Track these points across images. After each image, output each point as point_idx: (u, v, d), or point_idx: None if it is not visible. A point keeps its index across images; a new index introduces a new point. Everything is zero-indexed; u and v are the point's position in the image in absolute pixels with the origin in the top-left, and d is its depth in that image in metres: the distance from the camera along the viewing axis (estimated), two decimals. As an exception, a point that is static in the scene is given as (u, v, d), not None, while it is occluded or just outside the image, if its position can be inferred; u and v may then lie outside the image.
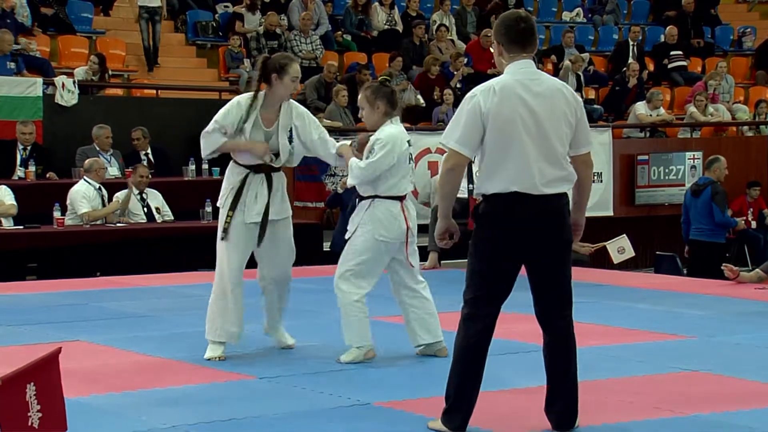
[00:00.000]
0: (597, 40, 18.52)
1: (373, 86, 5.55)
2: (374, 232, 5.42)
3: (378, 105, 5.43)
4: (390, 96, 5.45)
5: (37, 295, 8.12)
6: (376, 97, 5.42)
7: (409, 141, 5.56)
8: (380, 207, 5.43)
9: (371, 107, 5.46)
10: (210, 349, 5.60)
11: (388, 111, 5.44)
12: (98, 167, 10.17)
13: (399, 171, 5.42)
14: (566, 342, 4.10)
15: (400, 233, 5.47)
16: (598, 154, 13.66)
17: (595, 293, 8.22)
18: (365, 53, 15.75)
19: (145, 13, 14.10)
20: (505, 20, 4.12)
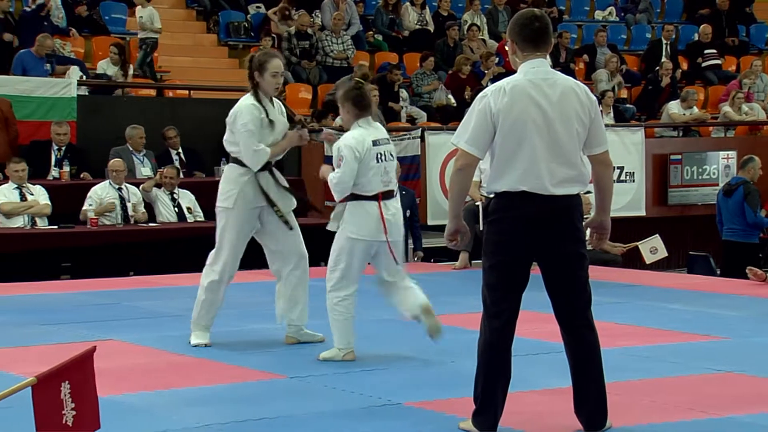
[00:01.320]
0: (630, 39, 18.39)
1: (345, 87, 5.76)
2: (348, 231, 5.53)
3: (346, 107, 5.58)
4: (356, 98, 5.53)
5: (70, 294, 8.20)
6: (345, 99, 5.59)
7: (380, 140, 5.58)
8: (356, 206, 5.53)
9: (343, 110, 5.64)
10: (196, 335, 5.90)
11: (356, 113, 5.54)
12: (114, 168, 10.21)
13: (366, 171, 5.49)
14: (586, 343, 4.08)
15: (376, 232, 5.50)
16: (630, 154, 13.58)
17: (628, 294, 8.17)
18: (396, 53, 15.75)
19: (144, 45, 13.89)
20: (520, 19, 4.11)
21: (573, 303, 4.08)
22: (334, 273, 5.57)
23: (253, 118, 5.75)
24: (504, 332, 4.05)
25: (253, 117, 5.75)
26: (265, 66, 5.76)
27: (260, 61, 5.78)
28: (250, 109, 5.77)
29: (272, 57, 5.85)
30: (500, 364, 4.05)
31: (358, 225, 5.49)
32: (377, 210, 5.50)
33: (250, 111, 5.76)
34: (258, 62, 5.78)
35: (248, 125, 5.73)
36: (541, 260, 4.06)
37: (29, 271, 9.05)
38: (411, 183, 12.18)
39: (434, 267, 10.44)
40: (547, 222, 4.00)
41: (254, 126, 5.75)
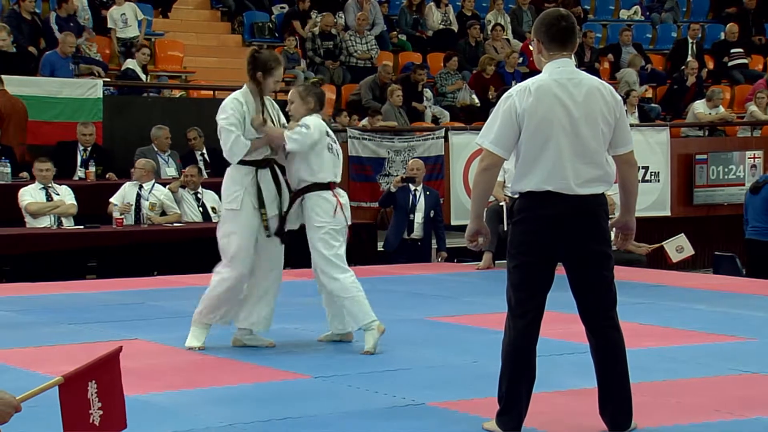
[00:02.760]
0: (655, 39, 18.30)
1: (306, 84, 6.05)
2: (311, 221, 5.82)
3: (309, 101, 5.87)
4: (320, 96, 5.99)
5: (95, 294, 8.24)
6: (308, 93, 5.93)
7: (329, 133, 5.95)
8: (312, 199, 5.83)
9: (302, 101, 5.87)
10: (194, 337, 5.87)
11: (315, 108, 5.90)
12: (137, 168, 10.25)
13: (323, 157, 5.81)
14: (611, 343, 4.06)
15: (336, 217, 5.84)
16: (655, 154, 13.52)
17: (653, 294, 8.13)
18: (420, 53, 15.74)
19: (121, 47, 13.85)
20: (546, 18, 4.10)
21: (598, 303, 4.06)
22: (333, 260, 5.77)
23: (234, 111, 5.70)
24: (529, 332, 4.04)
25: (235, 110, 5.71)
26: (273, 72, 5.77)
27: (268, 65, 5.76)
28: (233, 103, 5.75)
29: (279, 65, 5.86)
30: (525, 364, 4.04)
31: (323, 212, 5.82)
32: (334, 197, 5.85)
33: (232, 104, 5.74)
34: (264, 64, 5.76)
35: (229, 118, 5.69)
36: (566, 260, 4.05)
37: (55, 271, 9.11)
38: (434, 183, 12.17)
39: (458, 267, 10.43)
40: (572, 222, 3.99)
41: (235, 119, 5.69)
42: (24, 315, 7.12)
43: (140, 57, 13.08)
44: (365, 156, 12.61)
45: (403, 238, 10.49)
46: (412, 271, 9.64)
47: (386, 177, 12.48)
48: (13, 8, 13.07)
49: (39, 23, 13.07)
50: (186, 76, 14.33)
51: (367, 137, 12.67)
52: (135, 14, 13.83)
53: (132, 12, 13.83)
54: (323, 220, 5.79)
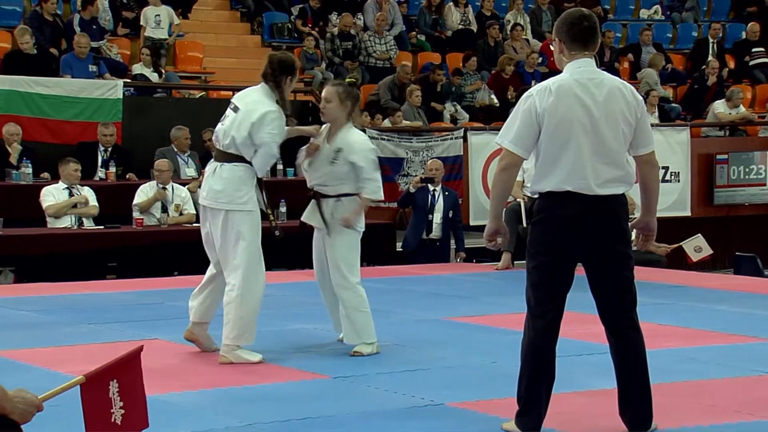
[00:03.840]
0: (675, 38, 18.21)
1: (345, 85, 5.85)
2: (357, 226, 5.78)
3: (347, 104, 5.72)
4: (357, 99, 5.86)
5: (116, 294, 8.28)
6: (348, 96, 5.73)
7: None
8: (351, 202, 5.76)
9: (341, 103, 5.71)
10: (251, 354, 5.57)
11: (351, 112, 5.75)
12: (157, 168, 10.29)
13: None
14: (631, 344, 4.05)
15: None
16: (675, 153, 13.46)
17: (673, 294, 8.09)
18: (439, 53, 15.73)
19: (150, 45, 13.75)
20: (568, 18, 4.09)
21: (618, 304, 4.05)
22: (356, 267, 5.74)
23: (282, 129, 5.58)
24: (548, 333, 4.03)
25: (282, 128, 5.58)
26: (295, 76, 5.67)
27: (294, 68, 5.64)
28: (280, 120, 5.56)
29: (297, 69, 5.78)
30: (544, 364, 4.03)
31: (361, 220, 5.81)
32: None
33: (280, 121, 5.56)
34: (292, 67, 5.61)
35: (276, 137, 5.52)
36: (586, 261, 4.04)
37: (76, 271, 9.16)
38: (453, 183, 12.17)
39: (476, 267, 10.42)
40: (592, 222, 3.97)
41: (280, 137, 5.61)
42: (45, 315, 7.16)
43: (144, 59, 13.12)
44: (384, 156, 12.59)
45: (422, 238, 10.48)
46: (431, 272, 9.64)
47: (405, 177, 12.47)
48: (35, 9, 13.16)
49: (61, 25, 13.15)
50: (205, 76, 14.37)
51: (386, 137, 12.68)
52: (169, 18, 13.89)
53: (167, 15, 13.89)
54: (358, 225, 5.77)
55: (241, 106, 5.59)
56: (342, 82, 5.98)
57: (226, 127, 5.57)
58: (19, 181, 10.24)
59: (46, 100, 11.22)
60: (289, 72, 5.61)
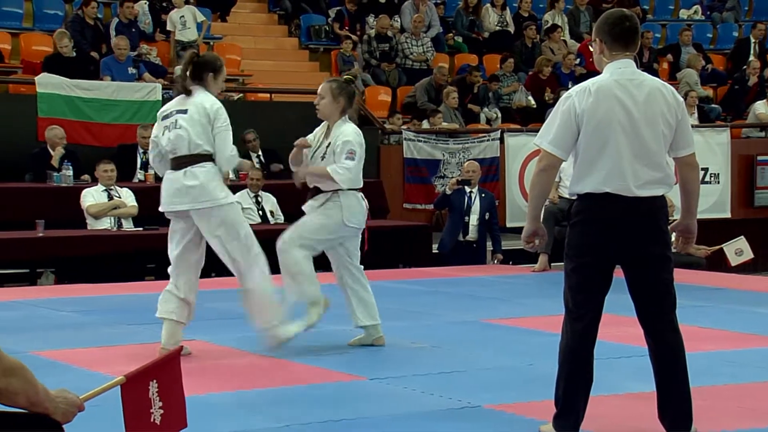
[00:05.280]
0: (716, 38, 18.04)
1: (339, 81, 5.93)
2: (344, 218, 5.79)
3: (340, 100, 5.81)
4: (352, 95, 5.90)
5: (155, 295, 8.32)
6: (341, 92, 5.82)
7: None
8: (350, 197, 5.78)
9: (333, 99, 5.81)
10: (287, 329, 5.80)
11: (345, 108, 5.85)
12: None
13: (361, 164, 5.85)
14: (670, 346, 4.01)
15: (363, 220, 5.88)
16: (715, 155, 13.33)
17: (713, 297, 8.02)
18: (476, 55, 15.70)
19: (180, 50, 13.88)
20: (610, 18, 4.07)
21: (657, 306, 4.02)
22: (311, 242, 5.83)
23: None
24: (586, 335, 4.01)
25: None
26: (222, 70, 5.86)
27: (218, 65, 5.86)
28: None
29: (222, 62, 6.00)
30: (582, 367, 4.01)
31: (355, 215, 5.82)
32: (364, 200, 5.91)
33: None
34: (216, 65, 5.84)
35: (228, 123, 5.68)
36: (625, 263, 4.01)
37: (115, 272, 9.24)
38: (490, 185, 12.14)
39: (513, 269, 10.39)
40: (631, 224, 3.95)
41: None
42: (85, 316, 7.24)
43: None
44: (420, 158, 12.62)
45: (458, 240, 10.47)
46: (467, 273, 9.62)
47: (441, 179, 12.47)
48: (76, 13, 13.32)
49: (101, 28, 13.29)
50: (243, 79, 14.46)
51: (423, 139, 12.68)
52: (194, 17, 13.98)
53: (191, 15, 13.98)
54: (356, 220, 5.84)
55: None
56: (337, 79, 6.10)
57: None
58: (60, 184, 10.35)
59: (87, 103, 11.35)
60: (210, 68, 5.77)
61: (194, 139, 5.57)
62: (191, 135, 5.57)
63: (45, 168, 10.58)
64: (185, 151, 5.59)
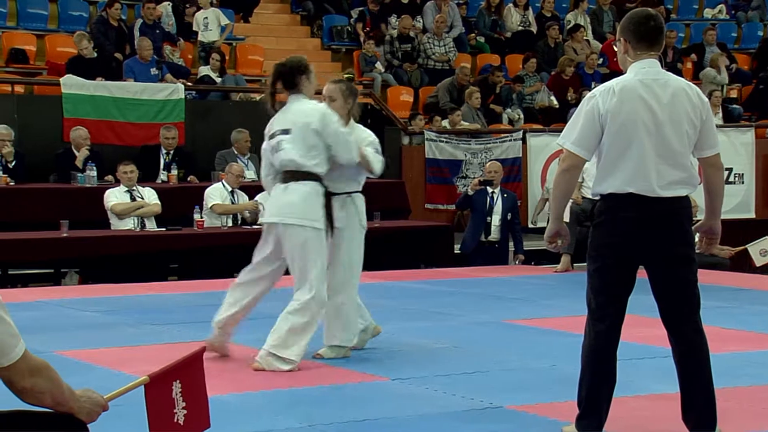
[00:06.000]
0: (740, 38, 17.93)
1: (346, 82, 5.94)
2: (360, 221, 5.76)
3: (350, 102, 5.80)
4: (356, 95, 5.94)
5: (177, 295, 8.38)
6: (350, 94, 5.83)
7: None
8: (361, 199, 5.80)
9: (344, 101, 5.79)
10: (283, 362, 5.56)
11: (352, 108, 5.84)
12: (233, 171, 10.44)
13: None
14: (694, 347, 3.99)
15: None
16: (739, 155, 13.25)
17: (737, 297, 7.97)
18: (498, 55, 15.67)
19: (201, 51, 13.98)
20: (635, 17, 4.06)
21: (681, 307, 4.00)
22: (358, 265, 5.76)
23: None
24: (609, 336, 4.00)
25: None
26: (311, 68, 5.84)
27: (305, 65, 5.84)
28: None
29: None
30: (605, 368, 4.00)
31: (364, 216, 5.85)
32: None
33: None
34: (304, 66, 5.82)
35: (339, 124, 5.64)
36: (649, 264, 4.00)
37: (139, 273, 9.29)
38: (512, 185, 12.11)
39: (535, 270, 10.36)
40: (655, 225, 3.93)
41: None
42: (108, 315, 7.28)
43: (212, 63, 13.28)
44: (442, 158, 12.61)
45: (480, 240, 10.46)
46: (489, 274, 9.61)
47: (463, 179, 12.45)
48: (100, 15, 13.40)
49: (125, 29, 13.37)
50: (265, 79, 14.47)
51: (444, 139, 12.66)
52: (218, 19, 14.04)
53: (214, 17, 14.04)
54: (365, 221, 5.86)
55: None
56: (342, 79, 6.08)
57: None
58: (84, 184, 10.42)
59: (111, 103, 11.42)
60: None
61: (297, 160, 5.53)
62: (295, 158, 5.53)
63: (69, 169, 10.66)
64: (291, 168, 5.58)
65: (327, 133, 5.54)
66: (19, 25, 13.81)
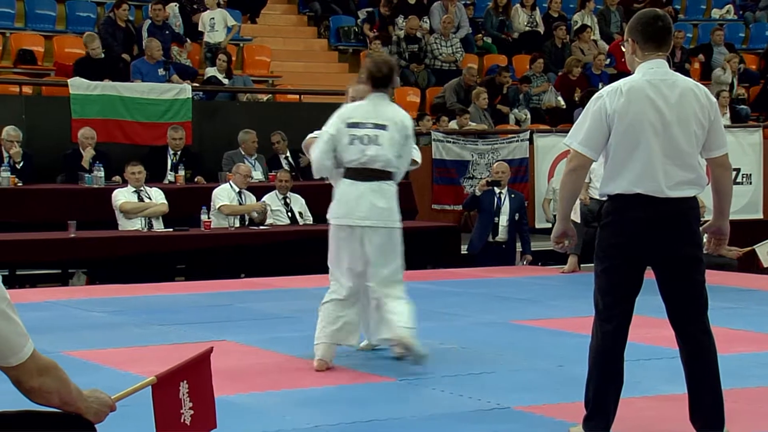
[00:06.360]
0: (748, 38, 17.89)
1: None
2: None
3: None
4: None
5: (184, 295, 8.39)
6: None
7: None
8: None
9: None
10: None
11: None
12: (241, 172, 10.45)
13: None
14: (702, 348, 3.98)
15: None
16: (747, 155, 13.22)
17: (745, 298, 7.95)
18: (505, 55, 15.66)
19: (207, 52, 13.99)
20: (643, 17, 4.05)
21: (689, 308, 3.99)
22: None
23: None
24: (616, 337, 3.99)
25: None
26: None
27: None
28: None
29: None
30: (612, 369, 3.99)
31: None
32: None
33: None
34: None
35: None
36: (656, 264, 3.99)
37: (146, 273, 9.31)
38: (519, 186, 12.11)
39: (543, 270, 10.35)
40: (663, 225, 3.92)
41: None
42: (116, 316, 7.29)
43: (219, 64, 13.30)
44: (449, 159, 12.61)
45: (488, 241, 10.45)
46: (497, 274, 9.60)
47: (470, 180, 12.45)
48: (108, 16, 13.43)
49: (133, 31, 13.39)
50: (273, 80, 14.51)
51: (451, 140, 12.66)
52: (224, 20, 14.05)
53: (221, 18, 14.06)
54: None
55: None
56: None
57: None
58: (92, 185, 10.44)
59: (119, 102, 11.44)
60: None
61: (392, 159, 5.48)
62: (390, 156, 5.47)
63: (77, 169, 10.68)
64: (380, 167, 5.49)
65: (412, 140, 5.59)
66: (27, 26, 13.84)
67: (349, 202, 5.46)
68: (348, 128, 5.48)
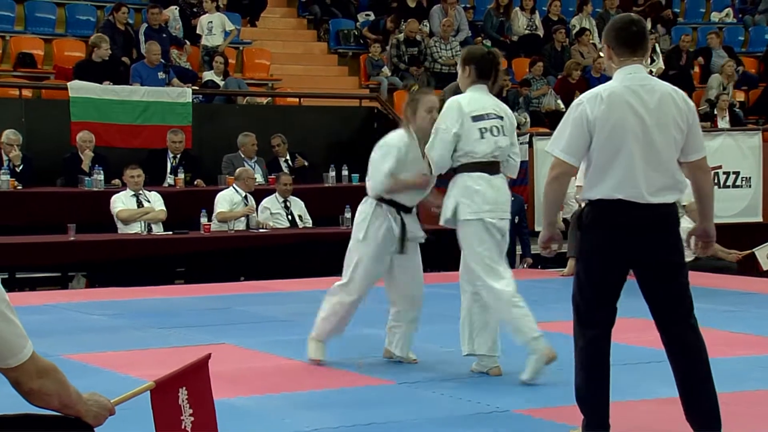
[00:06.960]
0: (747, 41, 17.90)
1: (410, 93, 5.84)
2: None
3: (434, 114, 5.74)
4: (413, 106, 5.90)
5: (184, 299, 8.39)
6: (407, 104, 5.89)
7: None
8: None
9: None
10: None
11: (409, 119, 5.80)
12: (247, 176, 10.46)
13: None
14: (690, 346, 3.97)
15: None
16: (746, 158, 13.21)
17: (744, 301, 7.95)
18: (505, 58, 15.65)
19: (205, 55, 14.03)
20: (617, 22, 4.06)
21: (674, 311, 3.99)
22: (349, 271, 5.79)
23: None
24: (599, 342, 3.99)
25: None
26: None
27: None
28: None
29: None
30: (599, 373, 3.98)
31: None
32: None
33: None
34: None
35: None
36: (638, 269, 3.99)
37: (145, 276, 9.31)
38: (519, 189, 12.08)
39: (542, 273, 10.34)
40: (644, 231, 3.92)
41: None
42: (115, 319, 7.29)
43: (216, 66, 13.31)
44: (449, 162, 12.58)
45: (488, 244, 10.42)
46: (497, 278, 9.57)
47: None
48: (108, 19, 13.43)
49: (132, 34, 13.40)
50: (272, 83, 14.52)
51: (452, 143, 12.64)
52: (223, 24, 14.06)
53: (219, 21, 14.06)
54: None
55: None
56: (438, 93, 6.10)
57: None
58: (91, 188, 10.44)
59: (119, 106, 11.43)
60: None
61: (507, 152, 5.52)
62: (507, 149, 5.52)
63: (76, 172, 10.68)
64: (501, 159, 5.56)
65: (513, 139, 5.60)
66: (26, 29, 13.85)
67: (495, 196, 5.49)
68: (474, 122, 5.44)
